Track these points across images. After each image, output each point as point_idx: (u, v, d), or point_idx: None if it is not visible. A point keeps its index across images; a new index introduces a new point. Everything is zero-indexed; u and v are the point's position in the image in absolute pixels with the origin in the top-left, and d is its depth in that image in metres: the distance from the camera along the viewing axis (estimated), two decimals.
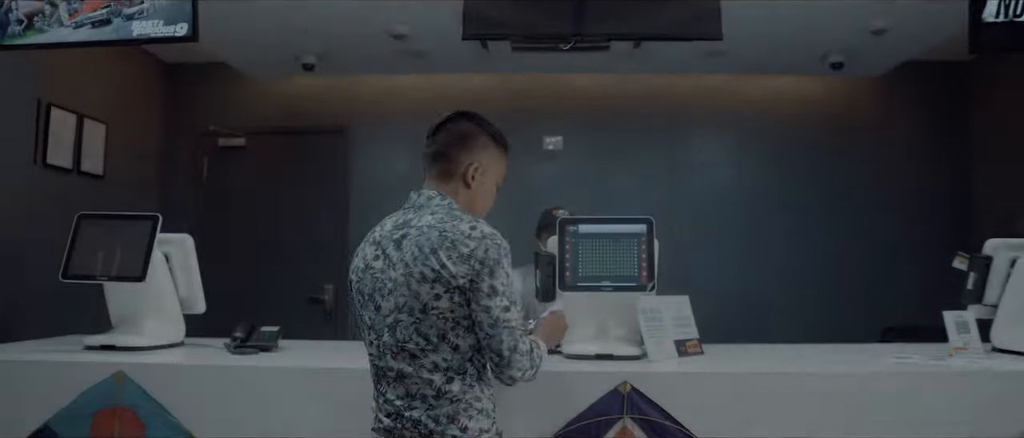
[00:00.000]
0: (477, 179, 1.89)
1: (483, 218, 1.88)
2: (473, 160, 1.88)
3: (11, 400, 2.37)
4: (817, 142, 5.19)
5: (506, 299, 1.73)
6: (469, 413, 1.74)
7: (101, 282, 2.64)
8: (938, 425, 2.24)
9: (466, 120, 1.93)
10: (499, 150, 1.96)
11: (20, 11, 2.47)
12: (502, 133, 1.97)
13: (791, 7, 3.82)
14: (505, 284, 1.74)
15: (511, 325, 1.73)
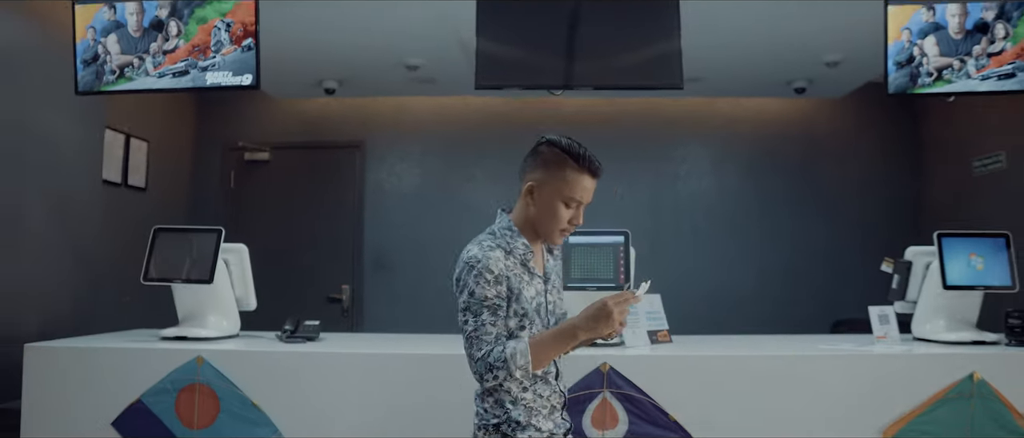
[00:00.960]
0: (535, 196, 2.01)
1: (552, 233, 2.04)
2: (530, 178, 2.02)
3: (108, 379, 2.92)
4: (786, 156, 5.76)
5: (467, 316, 1.94)
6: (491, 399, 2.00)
7: (175, 284, 3.18)
8: (858, 395, 2.82)
9: (541, 142, 2.06)
10: (565, 170, 2.00)
11: (114, 63, 3.02)
12: (579, 154, 2.01)
13: (756, 44, 4.39)
14: (473, 289, 1.93)
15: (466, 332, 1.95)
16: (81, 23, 3.06)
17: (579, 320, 1.91)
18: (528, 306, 1.99)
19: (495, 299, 1.94)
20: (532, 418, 1.97)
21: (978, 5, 3.03)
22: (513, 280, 1.97)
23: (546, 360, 1.96)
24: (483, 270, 1.93)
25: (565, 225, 2.02)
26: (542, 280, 2.08)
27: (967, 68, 3.04)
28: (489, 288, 1.93)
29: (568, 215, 2.01)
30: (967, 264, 3.17)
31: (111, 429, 2.88)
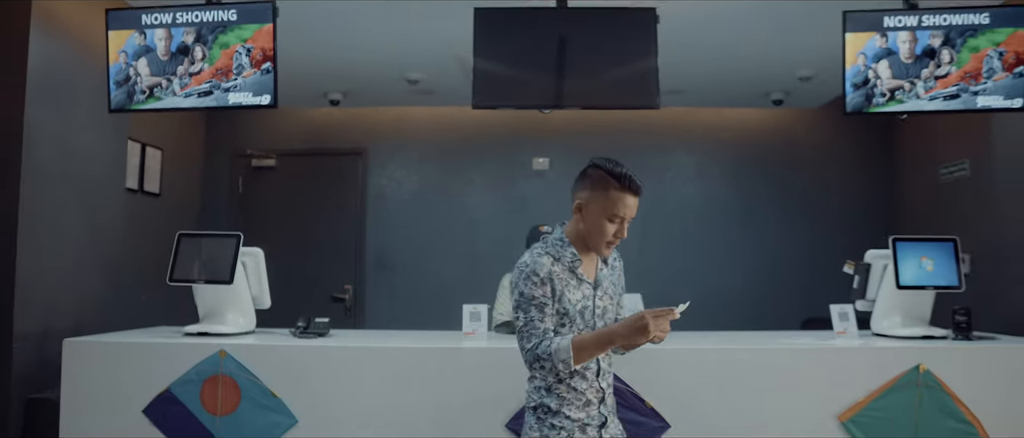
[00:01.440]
0: (583, 212, 2.26)
1: (599, 245, 2.27)
2: (579, 197, 2.28)
3: (139, 371, 3.22)
4: (767, 163, 6.08)
5: (519, 313, 2.24)
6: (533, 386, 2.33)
7: (198, 284, 3.48)
8: (816, 384, 3.14)
9: (589, 164, 2.30)
10: (608, 189, 2.22)
11: (144, 84, 3.32)
12: (621, 174, 2.23)
13: (733, 60, 4.70)
14: (522, 291, 2.23)
15: (519, 329, 2.24)
16: (114, 48, 3.36)
17: (619, 328, 2.15)
18: (571, 308, 2.25)
19: (541, 298, 2.22)
20: (563, 407, 2.24)
21: (926, 33, 3.35)
22: (558, 283, 2.24)
23: (585, 359, 2.19)
24: (531, 273, 2.22)
25: (610, 238, 2.26)
26: (591, 286, 2.32)
27: (917, 89, 3.36)
28: (536, 288, 2.22)
29: (612, 229, 2.25)
30: (919, 266, 3.48)
31: (142, 416, 3.18)
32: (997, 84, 3.32)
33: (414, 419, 3.12)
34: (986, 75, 3.32)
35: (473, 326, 3.43)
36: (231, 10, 3.30)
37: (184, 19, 3.35)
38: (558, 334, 2.23)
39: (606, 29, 3.35)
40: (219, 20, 3.31)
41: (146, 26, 3.37)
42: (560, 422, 2.24)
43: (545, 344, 2.18)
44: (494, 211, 6.10)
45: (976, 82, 3.34)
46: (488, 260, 5.51)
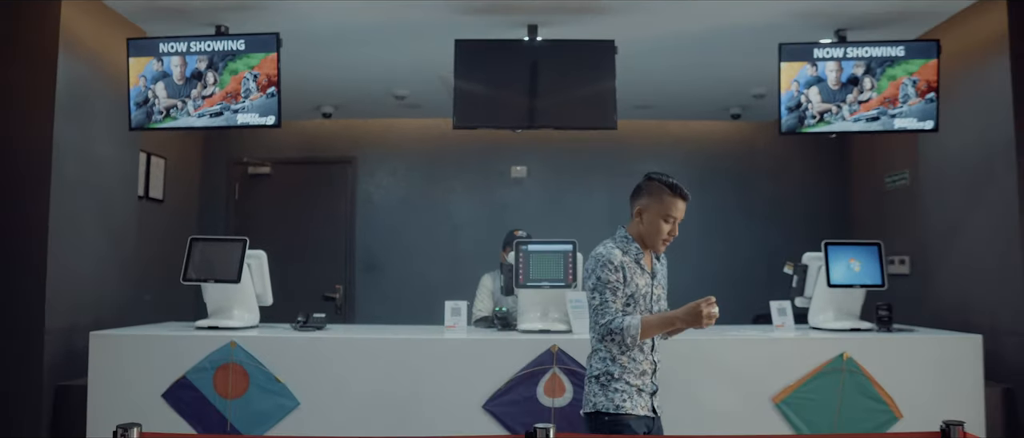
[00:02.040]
0: (643, 216, 2.78)
1: (656, 243, 2.78)
2: (639, 204, 2.80)
3: (158, 360, 3.63)
4: (728, 171, 6.55)
5: (594, 294, 2.68)
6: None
7: (208, 283, 3.89)
8: (754, 370, 3.60)
9: (646, 178, 2.83)
10: (663, 196, 2.74)
11: (161, 105, 3.74)
12: (673, 184, 2.75)
13: (693, 79, 5.17)
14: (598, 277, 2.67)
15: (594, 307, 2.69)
16: (134, 72, 3.78)
17: (679, 313, 2.63)
18: (636, 291, 2.73)
19: (615, 282, 2.68)
20: (624, 374, 2.70)
21: (851, 63, 3.83)
22: (627, 270, 2.71)
23: (648, 336, 2.67)
24: (606, 261, 2.70)
25: (665, 236, 2.78)
26: (649, 276, 2.81)
27: (843, 112, 3.84)
28: (611, 274, 2.69)
29: (667, 229, 2.77)
30: (847, 267, 3.96)
31: (161, 400, 3.59)
32: (911, 108, 3.81)
33: (402, 402, 3.54)
34: (902, 100, 3.81)
35: (454, 320, 3.86)
36: (240, 40, 3.73)
37: (198, 48, 3.78)
38: (625, 315, 2.67)
39: (571, 59, 3.82)
40: (229, 49, 3.74)
41: (163, 54, 3.79)
42: (621, 387, 2.69)
43: (618, 320, 2.63)
44: (474, 216, 6.54)
45: (893, 106, 3.82)
46: (469, 261, 5.93)
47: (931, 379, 3.64)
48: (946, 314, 4.38)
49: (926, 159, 4.69)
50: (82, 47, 3.96)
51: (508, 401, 3.48)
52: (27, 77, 3.77)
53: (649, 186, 2.79)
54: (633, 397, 2.69)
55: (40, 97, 3.77)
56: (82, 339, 3.77)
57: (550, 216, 6.38)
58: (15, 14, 3.76)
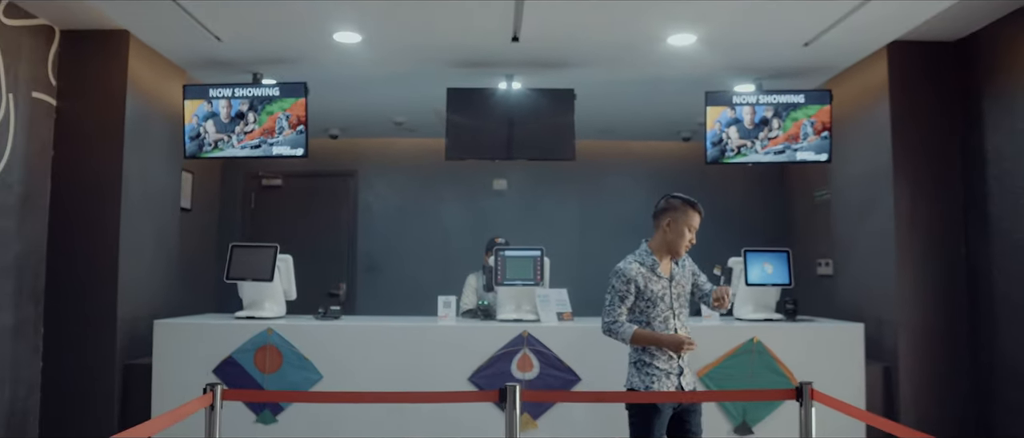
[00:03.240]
0: (669, 227, 3.43)
1: (680, 249, 3.44)
2: (666, 218, 3.44)
3: (209, 343, 4.54)
4: (682, 184, 7.31)
5: (608, 296, 3.39)
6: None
7: (246, 281, 4.80)
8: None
9: (670, 197, 3.50)
10: (686, 212, 3.44)
11: (210, 139, 4.66)
12: (692, 201, 3.47)
13: (647, 109, 6.13)
14: (613, 287, 3.38)
15: (605, 307, 3.41)
16: (189, 112, 4.69)
17: (665, 338, 3.34)
18: (653, 294, 3.39)
19: (624, 291, 3.38)
20: (654, 360, 3.38)
21: (762, 107, 4.81)
22: (641, 281, 3.38)
23: (639, 344, 3.35)
24: (622, 274, 3.42)
25: (687, 243, 3.47)
26: (667, 280, 3.46)
27: (755, 147, 4.81)
28: (622, 285, 3.40)
29: (689, 236, 3.47)
30: (762, 269, 4.93)
31: (212, 375, 4.50)
32: (810, 144, 4.79)
33: (404, 375, 4.47)
34: (803, 137, 4.79)
35: (445, 311, 4.80)
36: (275, 88, 4.65)
37: (240, 93, 4.70)
38: (628, 320, 3.40)
39: (540, 104, 4.78)
40: (266, 95, 4.67)
41: (212, 97, 4.70)
42: (652, 371, 3.39)
43: (617, 324, 3.40)
44: (461, 223, 7.49)
45: (796, 142, 4.81)
46: (457, 263, 6.86)
47: (824, 358, 4.60)
48: (849, 307, 5.37)
49: (835, 181, 5.68)
50: (143, 89, 4.86)
51: (488, 374, 4.43)
52: (102, 114, 4.67)
53: (673, 203, 3.50)
54: (661, 379, 3.39)
55: (112, 130, 4.67)
56: (144, 326, 4.70)
57: (527, 223, 7.33)
58: (92, 64, 4.66)
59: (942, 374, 4.73)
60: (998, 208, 4.49)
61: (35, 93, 4.45)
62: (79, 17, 4.43)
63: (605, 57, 4.73)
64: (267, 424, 4.49)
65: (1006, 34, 4.40)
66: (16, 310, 4.31)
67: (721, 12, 4.03)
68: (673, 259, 3.53)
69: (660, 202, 3.56)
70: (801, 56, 4.69)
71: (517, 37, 4.27)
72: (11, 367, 4.28)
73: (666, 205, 3.52)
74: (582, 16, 4.07)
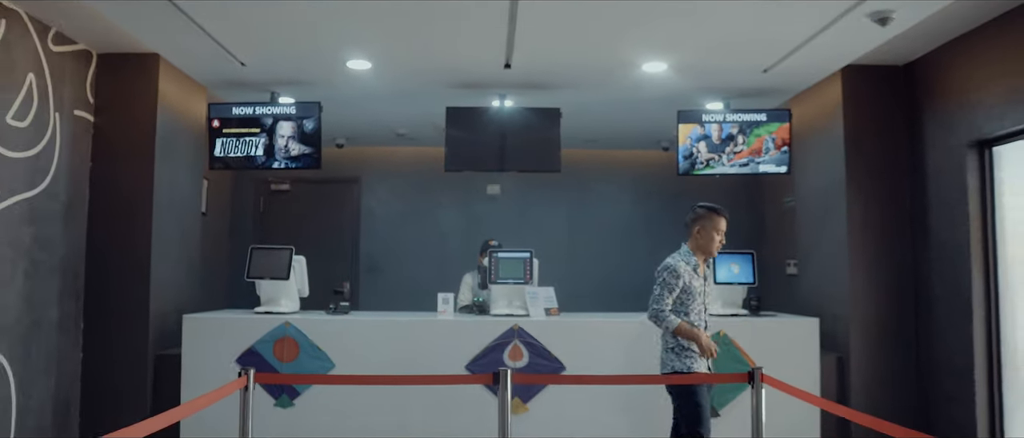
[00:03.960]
0: (701, 233, 4.04)
1: (712, 251, 4.05)
2: (697, 224, 4.06)
3: (232, 335, 5.07)
4: (662, 190, 8.08)
5: (657, 288, 3.98)
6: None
7: (265, 280, 5.33)
8: (655, 342, 5.10)
9: (698, 206, 4.10)
10: (712, 216, 4.03)
11: (236, 151, 5.19)
12: (716, 208, 4.07)
13: (627, 119, 6.66)
14: (666, 281, 3.95)
15: (654, 296, 3.99)
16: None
17: (703, 338, 3.95)
18: (693, 290, 3.96)
19: (673, 285, 3.94)
20: (690, 346, 3.98)
21: (728, 124, 5.36)
22: (686, 277, 3.96)
23: (681, 336, 3.94)
24: (673, 269, 3.99)
25: (717, 245, 4.04)
26: (702, 279, 4.05)
27: (722, 160, 5.36)
28: (673, 279, 3.99)
29: (718, 239, 4.04)
30: (729, 270, 5.48)
31: (235, 364, 5.02)
32: (771, 157, 5.35)
33: (407, 363, 4.99)
34: (764, 152, 5.35)
35: (444, 307, 5.33)
36: (292, 106, 5.18)
37: (260, 111, 5.23)
38: (673, 311, 3.99)
39: (530, 121, 5.33)
40: (284, 112, 5.20)
41: (235, 114, 5.23)
42: (688, 354, 3.99)
43: (664, 312, 3.98)
44: (457, 226, 8.03)
45: (759, 156, 5.37)
46: (453, 263, 7.38)
47: (783, 349, 5.15)
48: (809, 304, 5.92)
49: (798, 190, 6.24)
50: (171, 106, 5.38)
51: (483, 363, 4.97)
52: (135, 129, 5.18)
53: (700, 212, 4.10)
54: (697, 360, 3.99)
55: (144, 144, 5.19)
56: (172, 321, 5.23)
57: (519, 226, 7.87)
58: (126, 84, 5.17)
59: (889, 364, 5.28)
60: (936, 219, 5.06)
61: (76, 111, 4.97)
62: (115, 42, 4.94)
63: (587, 80, 5.28)
64: (285, 408, 5.02)
65: (945, 60, 4.96)
66: (60, 306, 4.83)
67: (688, 43, 4.57)
68: (706, 261, 4.10)
69: (689, 212, 4.14)
70: (762, 80, 5.23)
71: (509, 64, 4.81)
72: (56, 360, 4.79)
73: (695, 214, 4.09)
74: (565, 47, 4.62)
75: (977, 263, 4.71)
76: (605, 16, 4.06)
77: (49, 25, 4.62)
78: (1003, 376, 4.63)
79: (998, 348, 4.66)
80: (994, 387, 4.66)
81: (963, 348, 4.76)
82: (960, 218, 4.79)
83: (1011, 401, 4.59)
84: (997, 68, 4.47)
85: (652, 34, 4.42)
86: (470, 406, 4.89)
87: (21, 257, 4.42)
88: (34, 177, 4.54)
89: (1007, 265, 4.62)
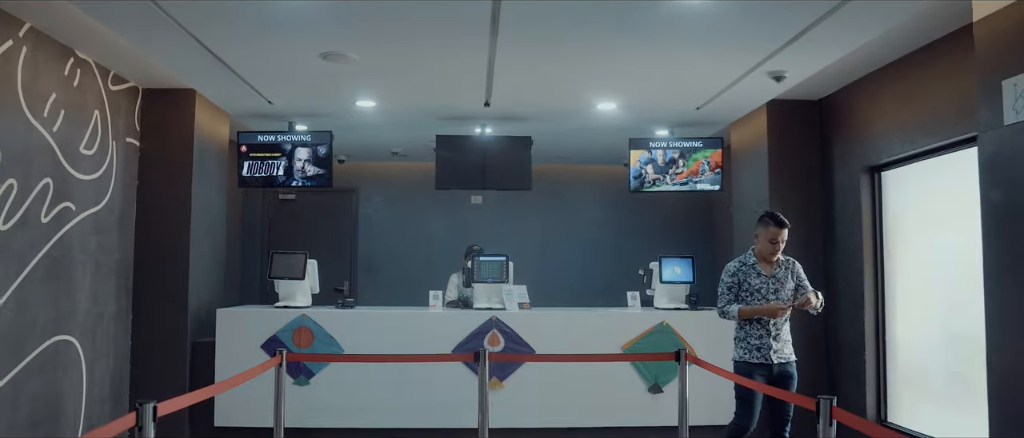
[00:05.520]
0: (758, 238, 4.42)
1: (766, 256, 4.37)
2: (757, 230, 4.43)
3: (257, 324, 6.08)
4: (626, 200, 9.14)
5: (720, 288, 4.46)
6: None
7: (283, 278, 6.34)
8: (610, 331, 6.17)
9: (761, 214, 4.47)
10: (763, 225, 4.36)
11: (259, 172, 6.21)
12: (769, 216, 4.38)
13: (592, 144, 7.74)
14: (722, 281, 4.44)
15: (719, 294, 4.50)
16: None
17: (763, 307, 4.27)
18: (751, 287, 4.37)
19: (729, 282, 4.41)
20: (747, 338, 4.40)
21: (671, 150, 6.45)
22: (741, 276, 4.40)
23: (744, 317, 4.31)
24: (726, 270, 4.51)
25: (771, 249, 4.36)
26: (766, 277, 4.38)
27: (666, 180, 6.45)
28: (727, 278, 4.48)
29: (771, 247, 4.36)
30: (673, 271, 6.55)
31: (260, 349, 6.04)
32: (707, 178, 6.44)
33: (403, 348, 6.02)
34: (701, 173, 6.44)
35: (434, 302, 6.37)
36: (307, 134, 6.22)
37: (281, 139, 6.26)
38: (732, 303, 4.44)
39: (507, 147, 6.39)
40: (301, 139, 6.23)
41: (259, 141, 6.25)
42: (744, 346, 4.43)
43: (724, 307, 4.46)
44: (444, 232, 9.08)
45: (697, 176, 6.46)
46: (441, 265, 8.40)
47: (716, 337, 6.18)
48: None
49: (735, 201, 7.33)
50: (204, 132, 6.39)
51: (467, 347, 6.01)
52: (174, 153, 6.18)
53: (761, 219, 4.47)
54: (752, 352, 4.38)
55: (182, 165, 6.18)
56: (205, 314, 6.24)
57: (499, 233, 8.93)
58: (168, 114, 6.17)
59: (804, 346, 6.35)
60: (841, 228, 6.15)
61: (127, 139, 5.97)
62: (158, 79, 5.92)
63: (552, 115, 6.35)
64: (302, 386, 6.04)
65: (849, 97, 6.05)
66: (116, 301, 5.83)
67: (631, 90, 5.64)
68: (774, 261, 4.45)
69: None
70: (699, 114, 6.32)
71: (488, 103, 5.87)
72: (113, 345, 5.79)
73: (758, 221, 4.50)
74: (532, 91, 5.67)
75: (868, 265, 5.82)
76: (563, 71, 5.12)
77: (109, 69, 5.62)
78: (887, 355, 5.73)
79: (884, 333, 5.76)
80: (880, 364, 5.77)
81: (858, 333, 5.86)
82: (856, 228, 5.89)
83: (892, 376, 5.69)
84: (886, 107, 5.56)
85: (602, 84, 5.48)
86: (456, 383, 5.94)
87: (89, 261, 5.42)
88: (98, 195, 5.54)
89: (892, 267, 5.73)
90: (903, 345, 5.59)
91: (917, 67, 5.16)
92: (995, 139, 3.71)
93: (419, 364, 5.91)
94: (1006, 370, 3.64)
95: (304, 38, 4.45)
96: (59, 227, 5.02)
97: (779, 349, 4.39)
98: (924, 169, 5.33)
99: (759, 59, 4.77)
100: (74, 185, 5.19)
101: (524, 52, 4.66)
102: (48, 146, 4.88)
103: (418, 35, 4.35)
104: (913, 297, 5.49)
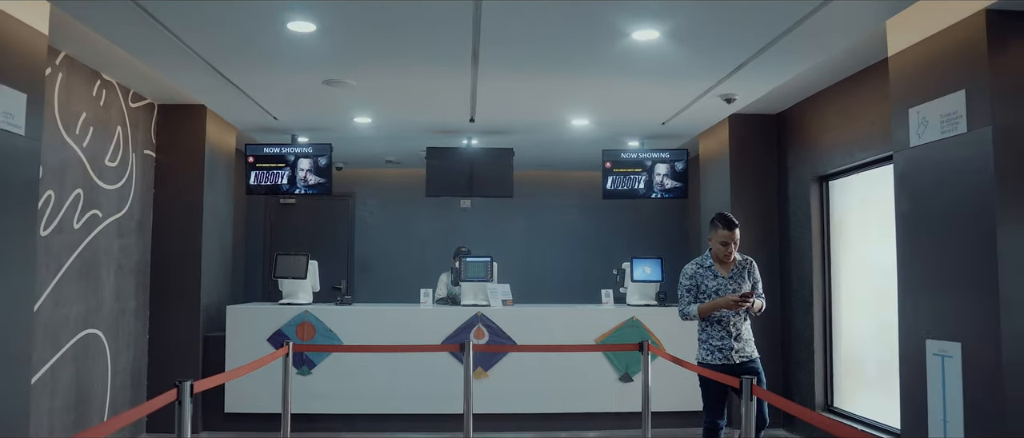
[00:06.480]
0: (711, 240, 4.55)
1: (719, 258, 4.50)
2: (710, 233, 4.56)
3: (264, 320, 6.68)
4: (600, 204, 9.75)
5: (679, 290, 4.60)
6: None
7: (288, 278, 6.94)
8: (586, 325, 6.79)
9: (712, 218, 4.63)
10: (713, 227, 4.51)
11: (264, 180, 6.81)
12: (717, 218, 4.51)
13: (571, 152, 8.36)
14: (681, 284, 4.57)
15: (679, 296, 4.66)
16: (249, 160, 6.82)
17: (720, 301, 4.39)
18: (708, 289, 4.48)
19: (686, 285, 4.54)
20: (708, 339, 4.56)
21: (640, 161, 7.08)
22: (698, 278, 4.51)
23: (705, 314, 4.44)
24: (683, 272, 4.64)
25: (723, 251, 4.49)
26: (724, 279, 4.50)
27: (637, 185, 7.08)
28: (684, 280, 4.62)
29: (722, 249, 4.48)
30: (643, 270, 7.18)
31: (266, 343, 6.64)
32: (671, 187, 7.06)
33: (397, 340, 6.63)
34: (665, 182, 7.06)
35: (425, 299, 6.97)
36: (309, 147, 6.83)
37: (286, 150, 6.86)
38: (690, 304, 4.57)
39: (491, 158, 7.01)
40: (304, 151, 6.83)
41: (265, 152, 6.85)
42: (706, 348, 4.58)
43: (683, 308, 4.60)
44: (435, 234, 9.69)
45: (663, 185, 7.08)
46: (432, 265, 9.04)
47: (681, 331, 6.78)
48: None
49: (703, 206, 7.96)
50: (213, 143, 6.98)
51: (455, 340, 6.62)
52: (187, 163, 6.78)
53: (711, 222, 4.60)
54: (714, 353, 4.52)
55: (195, 174, 6.78)
56: (215, 310, 6.84)
57: (485, 235, 9.55)
58: (181, 127, 6.77)
59: (762, 340, 7.00)
60: (794, 231, 6.79)
61: (145, 151, 6.56)
62: (172, 95, 6.50)
63: (531, 129, 6.97)
64: (304, 375, 6.65)
65: (802, 112, 6.67)
66: (136, 298, 6.42)
67: (602, 108, 6.27)
68: (729, 262, 4.57)
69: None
70: (664, 128, 6.95)
71: (473, 119, 6.49)
72: (133, 338, 6.38)
73: (710, 224, 4.63)
74: (512, 109, 6.29)
75: (817, 265, 6.45)
76: (539, 93, 5.74)
77: (129, 88, 6.21)
78: (833, 347, 6.37)
79: (831, 327, 6.40)
80: (827, 355, 6.41)
81: (808, 327, 6.50)
82: (807, 232, 6.53)
83: (837, 366, 6.33)
84: (830, 122, 6.18)
85: (574, 103, 6.11)
86: (444, 372, 6.55)
87: (112, 262, 6.01)
88: (120, 203, 6.13)
89: (837, 267, 6.36)
90: (846, 337, 6.22)
91: (855, 88, 5.78)
92: (904, 158, 4.33)
93: (410, 354, 6.52)
94: (911, 355, 4.26)
95: (309, 67, 5.06)
96: (89, 232, 5.61)
97: (740, 348, 4.55)
98: (863, 180, 5.96)
99: (709, 85, 5.40)
100: (100, 194, 5.78)
101: (502, 79, 5.28)
102: (79, 160, 5.47)
103: (409, 66, 4.97)
104: (854, 294, 6.13)
